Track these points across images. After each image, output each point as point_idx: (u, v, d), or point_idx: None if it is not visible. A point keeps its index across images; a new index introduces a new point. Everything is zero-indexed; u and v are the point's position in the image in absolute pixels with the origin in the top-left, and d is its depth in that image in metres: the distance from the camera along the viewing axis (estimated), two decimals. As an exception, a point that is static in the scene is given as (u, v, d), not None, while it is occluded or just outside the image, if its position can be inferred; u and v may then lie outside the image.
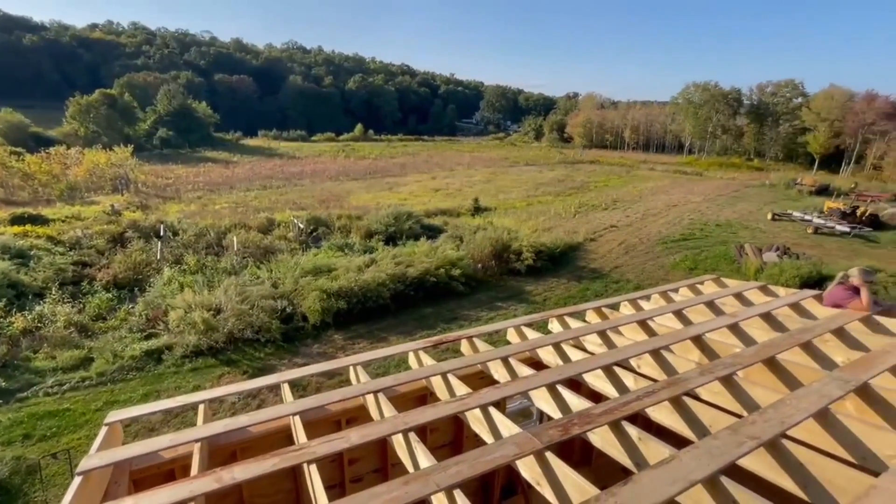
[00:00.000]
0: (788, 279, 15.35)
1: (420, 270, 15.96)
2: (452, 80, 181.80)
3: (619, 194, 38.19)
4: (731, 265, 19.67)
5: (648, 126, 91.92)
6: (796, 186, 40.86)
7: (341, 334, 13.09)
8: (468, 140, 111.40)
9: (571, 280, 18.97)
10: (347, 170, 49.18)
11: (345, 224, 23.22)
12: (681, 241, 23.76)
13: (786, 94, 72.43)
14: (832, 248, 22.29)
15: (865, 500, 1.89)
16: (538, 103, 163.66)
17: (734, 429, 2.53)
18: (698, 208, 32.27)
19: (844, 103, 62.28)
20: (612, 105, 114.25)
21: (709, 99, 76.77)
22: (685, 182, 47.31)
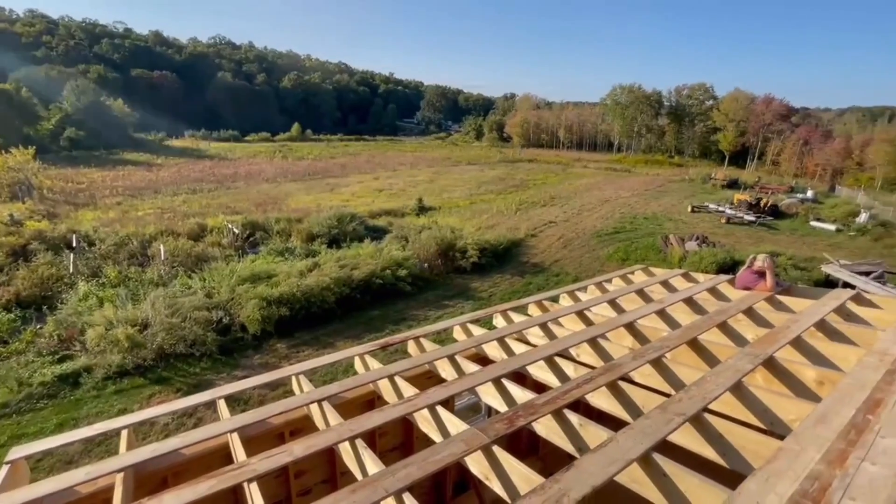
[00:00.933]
0: (707, 266, 16.82)
1: (366, 272, 15.70)
2: (392, 79, 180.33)
3: (557, 191, 39.83)
4: (658, 255, 21.18)
5: (581, 126, 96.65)
6: (711, 181, 44.85)
7: (285, 343, 12.57)
8: (410, 140, 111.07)
9: (515, 275, 19.49)
10: (285, 171, 47.22)
11: (284, 228, 22.29)
12: (613, 234, 25.22)
13: (699, 97, 79.41)
14: (742, 236, 24.72)
15: (773, 462, 2.10)
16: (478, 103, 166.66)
17: (664, 407, 2.72)
18: (628, 203, 34.43)
19: (747, 106, 69.46)
20: (547, 106, 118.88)
21: (634, 100, 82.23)
22: (616, 178, 50.27)
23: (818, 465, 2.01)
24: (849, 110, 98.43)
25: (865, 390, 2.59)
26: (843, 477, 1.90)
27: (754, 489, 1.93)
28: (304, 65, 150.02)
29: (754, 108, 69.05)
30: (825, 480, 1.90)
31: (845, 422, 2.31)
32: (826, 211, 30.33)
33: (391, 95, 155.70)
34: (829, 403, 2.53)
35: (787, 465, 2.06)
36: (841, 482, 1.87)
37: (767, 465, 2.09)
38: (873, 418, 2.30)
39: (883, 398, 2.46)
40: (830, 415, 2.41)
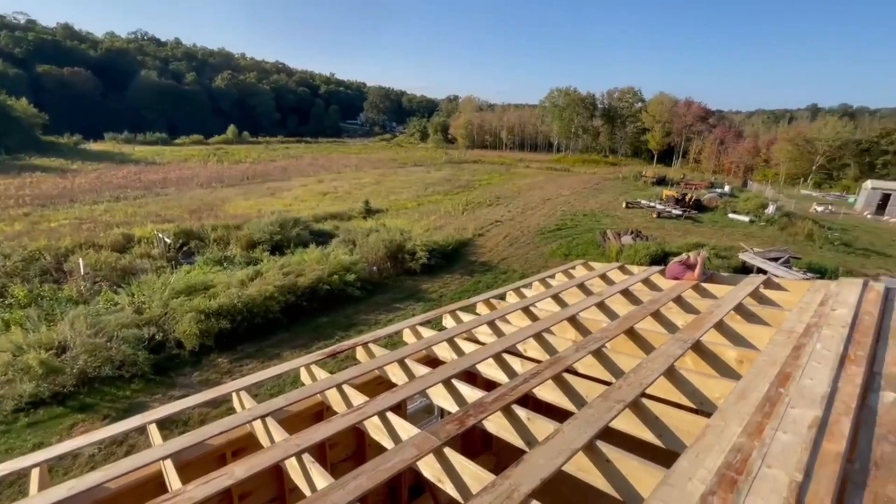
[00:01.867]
0: (641, 258, 17.93)
1: (312, 279, 15.21)
2: (333, 80, 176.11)
3: (501, 191, 40.77)
4: (597, 249, 22.28)
5: (522, 127, 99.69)
6: (642, 178, 47.88)
7: (227, 357, 11.89)
8: (354, 141, 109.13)
9: (464, 275, 19.71)
10: (221, 175, 44.72)
11: (222, 235, 21.09)
12: (556, 230, 26.22)
13: (629, 100, 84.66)
14: (671, 229, 26.60)
15: (702, 439, 2.27)
16: (421, 105, 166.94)
17: (605, 396, 2.85)
18: (568, 201, 35.94)
19: (671, 108, 75.04)
20: (490, 108, 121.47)
21: (570, 103, 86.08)
22: (556, 178, 52.31)
23: (740, 437, 2.19)
24: (756, 112, 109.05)
25: (777, 366, 2.86)
26: (760, 447, 2.09)
27: (686, 466, 2.06)
28: (239, 63, 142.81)
29: (677, 111, 74.75)
30: (746, 451, 2.08)
31: (761, 396, 2.53)
32: (741, 204, 33.34)
33: (333, 96, 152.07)
34: (748, 380, 2.77)
35: (714, 441, 2.22)
36: (759, 452, 2.05)
37: (697, 442, 2.24)
38: (784, 391, 2.54)
39: (791, 372, 2.73)
40: (749, 390, 2.64)
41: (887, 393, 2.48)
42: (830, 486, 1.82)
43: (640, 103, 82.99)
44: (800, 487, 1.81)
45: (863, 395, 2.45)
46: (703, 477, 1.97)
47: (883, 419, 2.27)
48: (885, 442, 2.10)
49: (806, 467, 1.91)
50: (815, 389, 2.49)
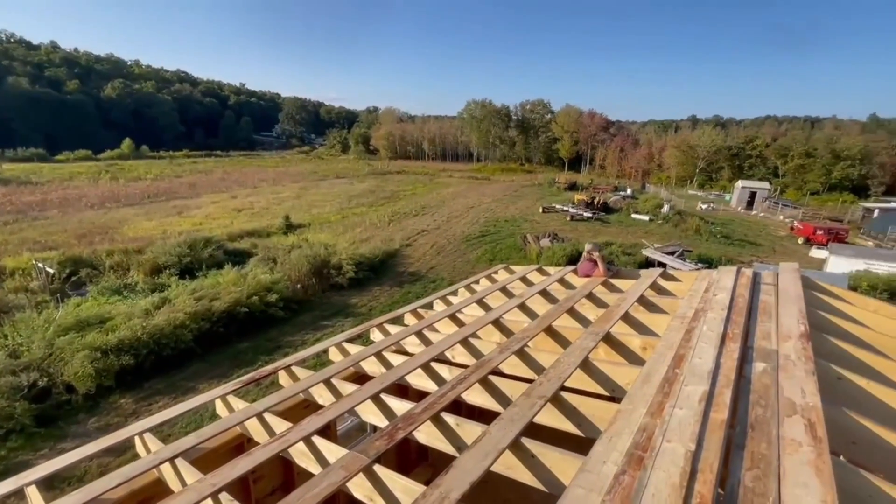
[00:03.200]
0: (559, 258, 19.09)
1: (229, 302, 14.17)
2: (244, 90, 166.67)
3: (426, 201, 41.21)
4: (519, 253, 23.32)
5: (443, 138, 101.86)
6: (555, 184, 51.15)
7: (131, 397, 10.65)
8: (270, 154, 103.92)
9: (394, 286, 19.56)
10: (117, 195, 40.19)
11: (120, 261, 18.92)
12: (480, 237, 27.03)
13: (540, 112, 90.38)
14: (583, 230, 28.66)
15: (614, 424, 2.46)
16: (340, 116, 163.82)
17: (528, 393, 2.98)
18: (490, 208, 37.28)
19: (577, 119, 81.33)
20: (410, 119, 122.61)
21: (487, 115, 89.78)
22: (478, 186, 54.04)
23: (645, 418, 2.41)
24: (648, 122, 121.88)
25: (673, 349, 3.19)
26: (661, 424, 2.31)
27: (601, 450, 2.22)
28: (133, 71, 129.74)
29: (582, 121, 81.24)
30: (650, 430, 2.29)
31: (661, 378, 2.81)
32: (641, 205, 36.88)
33: (245, 107, 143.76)
34: (651, 364, 3.05)
35: (624, 424, 2.42)
36: (660, 429, 2.27)
37: (610, 427, 2.43)
38: (679, 371, 2.85)
39: (684, 354, 3.07)
40: (651, 374, 2.91)
41: (758, 364, 2.87)
42: (717, 451, 2.06)
43: (550, 115, 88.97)
44: (693, 456, 2.03)
45: (740, 368, 2.82)
46: (616, 459, 2.13)
47: (755, 386, 2.62)
48: (758, 406, 2.43)
49: (698, 437, 2.15)
50: (703, 367, 2.81)
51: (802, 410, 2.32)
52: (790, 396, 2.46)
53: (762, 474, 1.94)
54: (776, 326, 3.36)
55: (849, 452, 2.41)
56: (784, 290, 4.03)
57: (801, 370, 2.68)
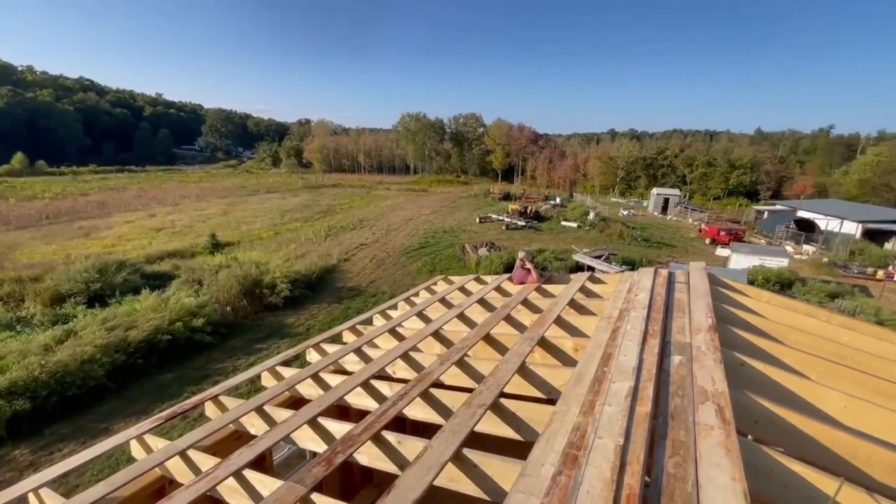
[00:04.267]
0: (496, 266, 19.59)
1: (148, 330, 12.97)
2: (161, 100, 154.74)
3: (364, 214, 40.61)
4: (459, 262, 23.63)
5: (379, 151, 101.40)
6: (490, 195, 52.64)
7: (28, 446, 9.36)
8: (193, 169, 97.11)
9: (333, 303, 18.97)
10: (6, 216, 35.41)
11: (12, 291, 16.66)
12: (420, 249, 27.06)
13: (472, 125, 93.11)
14: (518, 239, 29.70)
15: (551, 425, 2.54)
16: (270, 128, 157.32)
17: (468, 403, 3.00)
18: (429, 219, 37.51)
19: (508, 132, 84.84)
20: (345, 132, 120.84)
21: (421, 128, 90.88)
22: (415, 198, 54.22)
23: (578, 417, 2.52)
24: (573, 135, 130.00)
25: (602, 349, 3.38)
26: (593, 422, 2.43)
27: (539, 454, 2.28)
28: (24, 78, 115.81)
29: (513, 134, 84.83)
30: (583, 428, 2.39)
31: (592, 377, 2.96)
32: (570, 213, 38.95)
33: (162, 119, 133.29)
34: (582, 365, 3.21)
35: (560, 425, 2.51)
36: (593, 426, 2.38)
37: (547, 429, 2.51)
38: (608, 369, 3.01)
39: (612, 352, 3.26)
40: (583, 374, 3.06)
41: (675, 357, 3.12)
42: (643, 443, 2.20)
43: (482, 128, 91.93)
44: (622, 449, 2.15)
45: (660, 362, 3.05)
46: (553, 460, 2.20)
47: (674, 378, 2.84)
48: (676, 397, 2.63)
49: (626, 431, 2.28)
50: (628, 364, 3.00)
51: (713, 397, 2.55)
52: (703, 385, 2.69)
53: (682, 460, 2.10)
54: (689, 321, 3.68)
55: (753, 431, 2.68)
56: (694, 288, 4.43)
57: (711, 360, 2.95)
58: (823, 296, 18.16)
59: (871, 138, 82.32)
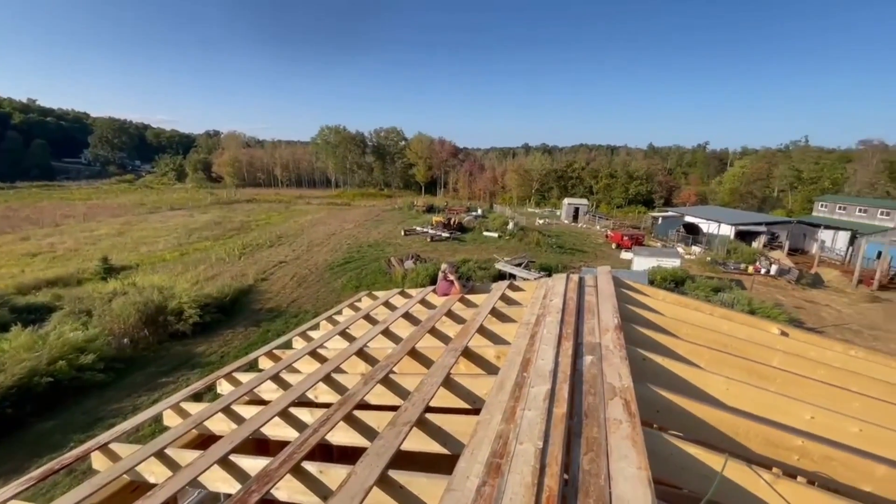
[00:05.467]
0: (422, 279, 19.68)
1: (20, 373, 11.16)
2: (34, 107, 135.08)
3: (283, 230, 38.69)
4: (385, 276, 23.37)
5: (297, 164, 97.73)
6: (414, 208, 53.00)
7: None
8: (79, 184, 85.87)
9: (250, 326, 17.77)
10: None
11: None
12: (344, 264, 26.36)
13: (394, 138, 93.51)
14: (443, 250, 30.16)
15: (475, 436, 2.57)
16: (173, 140, 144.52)
17: (393, 422, 2.94)
18: (353, 234, 36.73)
19: (429, 146, 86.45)
20: (259, 144, 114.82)
21: (341, 140, 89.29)
22: (338, 212, 52.90)
23: (501, 424, 2.57)
24: (490, 149, 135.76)
25: (521, 354, 3.51)
26: (515, 428, 2.50)
27: (464, 466, 2.29)
28: None
29: (434, 148, 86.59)
30: (506, 435, 2.45)
31: (513, 383, 3.05)
32: (491, 223, 40.45)
33: (36, 128, 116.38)
34: (503, 372, 3.30)
35: (484, 434, 2.55)
36: (514, 433, 2.45)
37: (471, 440, 2.53)
38: (527, 374, 3.13)
39: (531, 357, 3.40)
40: (505, 381, 3.14)
41: (587, 357, 3.33)
42: (561, 443, 2.30)
43: (404, 141, 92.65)
44: (542, 452, 2.23)
45: (574, 363, 3.23)
46: (478, 471, 2.22)
47: (586, 377, 3.03)
48: (589, 395, 2.80)
49: (544, 434, 2.38)
50: (545, 367, 3.15)
51: (620, 392, 2.75)
52: (611, 381, 2.90)
53: (595, 456, 2.23)
54: (598, 322, 3.96)
55: (656, 419, 2.93)
56: (601, 291, 4.79)
57: (617, 357, 3.19)
58: (709, 290, 20.64)
59: (737, 153, 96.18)
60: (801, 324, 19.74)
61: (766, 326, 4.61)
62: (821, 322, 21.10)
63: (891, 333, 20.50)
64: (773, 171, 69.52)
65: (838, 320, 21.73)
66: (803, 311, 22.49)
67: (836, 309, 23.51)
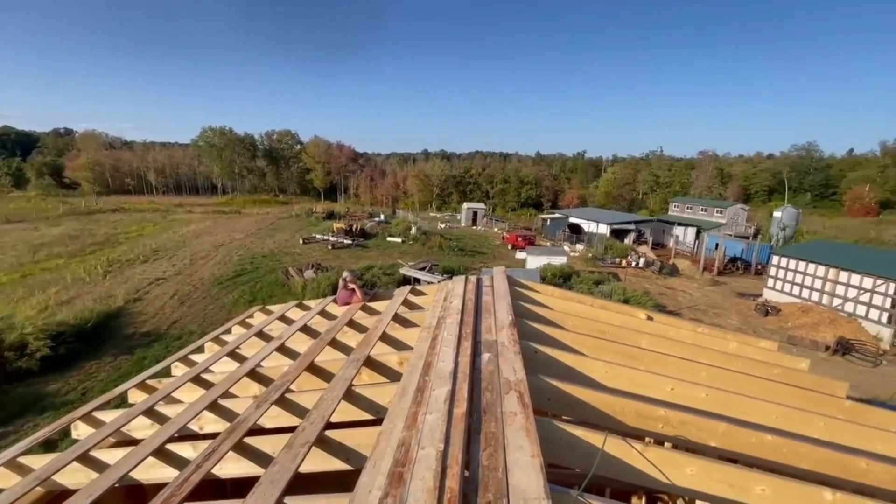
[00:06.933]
0: (324, 288, 18.89)
1: None
2: None
3: (159, 242, 34.35)
4: (283, 288, 21.99)
5: (176, 168, 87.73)
6: (314, 214, 50.78)
7: None
8: None
9: (121, 355, 15.48)
10: None
11: None
12: (235, 277, 24.23)
13: (288, 142, 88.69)
14: (346, 257, 29.33)
15: (378, 447, 2.52)
16: (8, 140, 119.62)
17: (290, 444, 2.75)
18: (244, 244, 33.93)
19: (327, 150, 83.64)
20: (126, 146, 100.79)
21: (228, 143, 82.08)
22: (226, 221, 48.48)
23: (403, 432, 2.56)
24: (391, 155, 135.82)
25: (423, 358, 3.53)
26: (416, 434, 2.49)
27: (366, 480, 2.23)
28: None
29: (332, 153, 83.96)
30: (408, 442, 2.43)
31: (415, 388, 3.05)
32: (394, 228, 40.39)
33: None
34: (406, 378, 3.29)
35: (387, 444, 2.50)
36: (416, 438, 2.45)
37: (374, 452, 2.47)
38: (428, 378, 3.16)
39: (432, 361, 3.43)
40: (407, 387, 3.13)
41: (485, 354, 3.47)
42: (461, 443, 2.35)
43: (299, 145, 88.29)
44: (443, 454, 2.26)
45: (473, 362, 3.34)
46: (380, 483, 2.17)
47: (484, 374, 3.15)
48: (487, 392, 2.92)
49: (445, 435, 2.41)
50: (446, 369, 3.20)
51: (515, 385, 2.91)
52: (507, 376, 3.05)
53: (494, 450, 2.32)
54: (494, 320, 4.15)
55: (547, 407, 3.15)
56: (497, 290, 5.04)
57: (512, 352, 3.38)
58: (591, 283, 22.97)
59: (609, 160, 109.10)
60: (663, 308, 22.92)
61: (636, 313, 5.26)
62: (678, 305, 24.71)
63: (727, 310, 24.80)
64: (637, 176, 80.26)
65: (691, 302, 25.67)
66: (665, 296, 26.14)
67: (689, 293, 27.76)
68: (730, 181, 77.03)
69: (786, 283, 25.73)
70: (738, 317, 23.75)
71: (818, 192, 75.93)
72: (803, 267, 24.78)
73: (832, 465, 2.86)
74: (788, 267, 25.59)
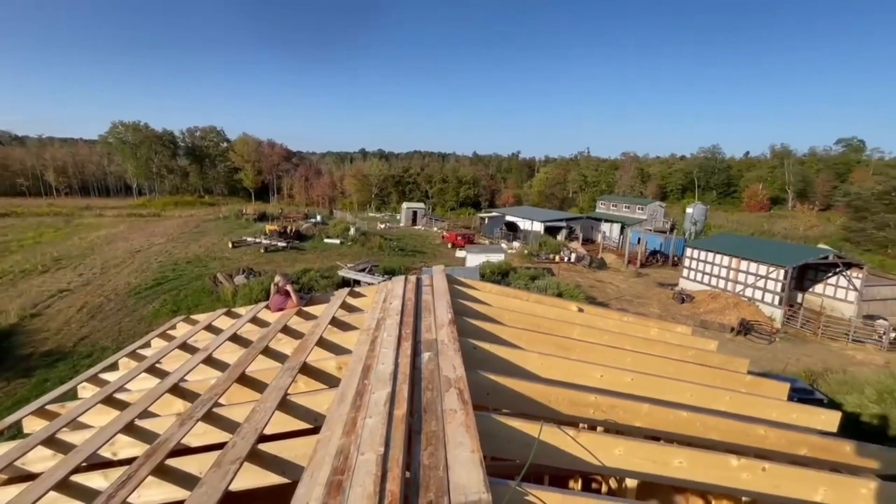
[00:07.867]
0: (257, 294, 17.93)
1: None
2: None
3: (63, 250, 30.72)
4: (211, 296, 20.56)
5: (81, 167, 78.91)
6: (244, 216, 47.93)
7: None
8: None
9: (15, 379, 13.72)
10: None
11: None
12: (155, 286, 22.29)
13: (213, 139, 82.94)
14: (280, 261, 28.04)
15: (315, 456, 2.43)
16: None
17: (219, 462, 2.57)
18: (165, 249, 31.29)
19: (257, 148, 79.36)
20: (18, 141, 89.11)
21: (144, 140, 75.17)
22: (144, 225, 44.45)
23: (342, 439, 2.48)
24: (327, 154, 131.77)
25: (363, 361, 3.46)
26: (356, 439, 2.43)
27: (303, 492, 2.14)
28: None
29: (263, 151, 79.79)
30: (346, 449, 2.37)
31: (354, 393, 2.98)
32: (331, 229, 39.22)
33: None
34: (345, 382, 3.20)
35: (324, 452, 2.42)
36: (355, 444, 2.39)
37: (311, 461, 2.38)
38: (368, 381, 3.10)
39: (371, 363, 3.37)
40: (346, 391, 3.05)
41: (425, 354, 3.47)
42: (402, 445, 2.33)
43: (226, 143, 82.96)
44: (383, 458, 2.22)
45: (413, 362, 3.33)
46: (318, 494, 2.09)
47: (424, 374, 3.15)
48: (427, 391, 2.92)
49: (385, 438, 2.38)
50: (385, 371, 3.16)
51: (455, 382, 2.94)
52: (447, 374, 3.07)
53: (435, 449, 2.32)
54: (434, 319, 4.16)
55: (487, 402, 3.22)
56: (437, 289, 5.07)
57: (452, 350, 3.41)
58: (527, 279, 23.84)
59: (541, 161, 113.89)
60: (593, 300, 24.35)
61: (568, 305, 5.53)
62: (607, 297, 26.38)
63: (649, 299, 26.89)
64: (567, 176, 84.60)
65: (618, 293, 27.50)
66: (595, 289, 27.79)
67: (616, 285, 29.73)
68: (649, 180, 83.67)
69: (698, 272, 28.45)
70: (658, 305, 25.82)
71: (722, 191, 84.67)
72: (711, 258, 27.57)
73: (737, 434, 3.20)
74: (699, 258, 28.34)
